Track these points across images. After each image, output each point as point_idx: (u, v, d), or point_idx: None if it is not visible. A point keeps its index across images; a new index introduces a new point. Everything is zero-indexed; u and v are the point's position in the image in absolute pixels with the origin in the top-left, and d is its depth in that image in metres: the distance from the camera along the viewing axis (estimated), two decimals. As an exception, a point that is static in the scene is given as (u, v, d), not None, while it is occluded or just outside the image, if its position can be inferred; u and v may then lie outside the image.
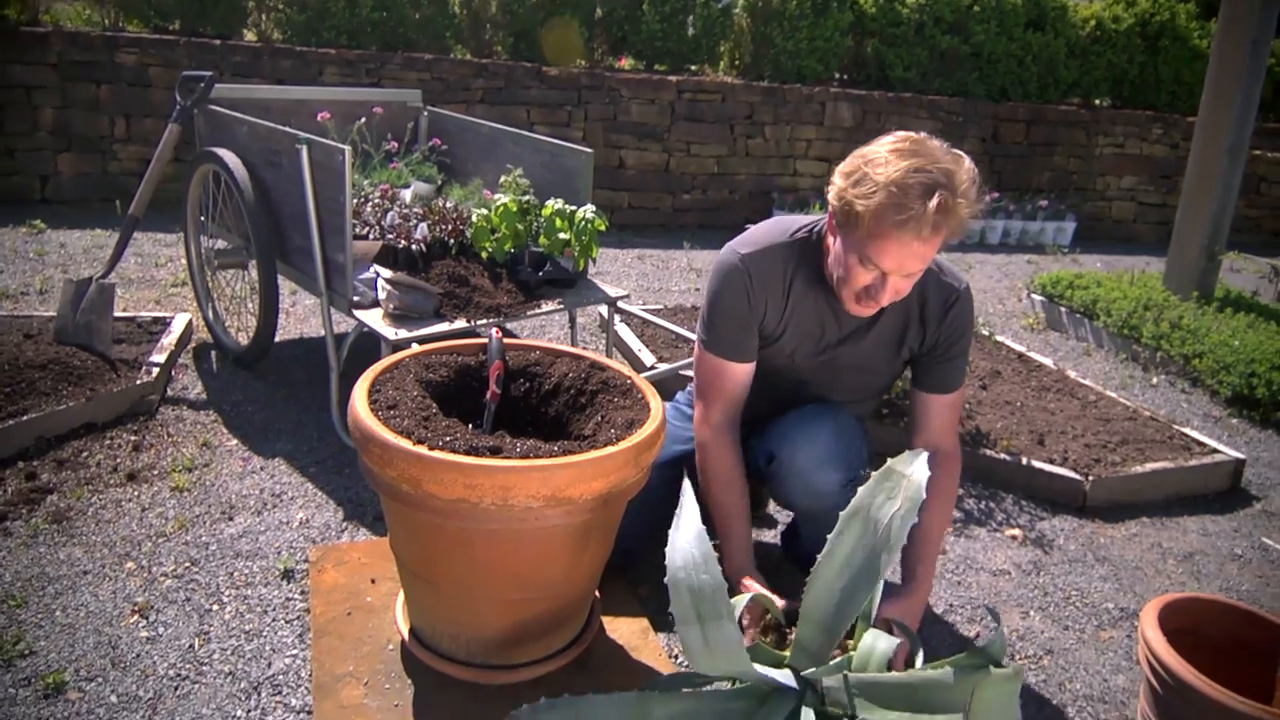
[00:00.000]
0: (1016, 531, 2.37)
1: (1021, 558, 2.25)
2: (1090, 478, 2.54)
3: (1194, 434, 2.90)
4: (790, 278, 1.69)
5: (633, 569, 1.98)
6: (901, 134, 1.50)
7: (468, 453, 1.32)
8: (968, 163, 1.48)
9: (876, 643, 1.28)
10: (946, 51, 6.41)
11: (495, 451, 1.34)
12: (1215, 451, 2.79)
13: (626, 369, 1.74)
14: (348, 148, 2.25)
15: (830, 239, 1.61)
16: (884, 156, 1.46)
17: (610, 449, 1.37)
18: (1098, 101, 7.09)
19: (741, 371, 1.72)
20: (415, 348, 1.78)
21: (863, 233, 1.49)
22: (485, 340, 1.76)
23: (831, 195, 1.55)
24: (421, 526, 1.41)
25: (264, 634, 1.73)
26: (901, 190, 1.41)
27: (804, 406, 1.79)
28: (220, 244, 3.00)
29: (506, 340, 1.75)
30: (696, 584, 1.18)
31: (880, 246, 1.47)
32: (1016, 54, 6.58)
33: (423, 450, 1.31)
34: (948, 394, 1.76)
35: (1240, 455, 2.78)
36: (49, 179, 5.02)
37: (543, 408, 1.70)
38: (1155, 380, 3.66)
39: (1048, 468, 2.57)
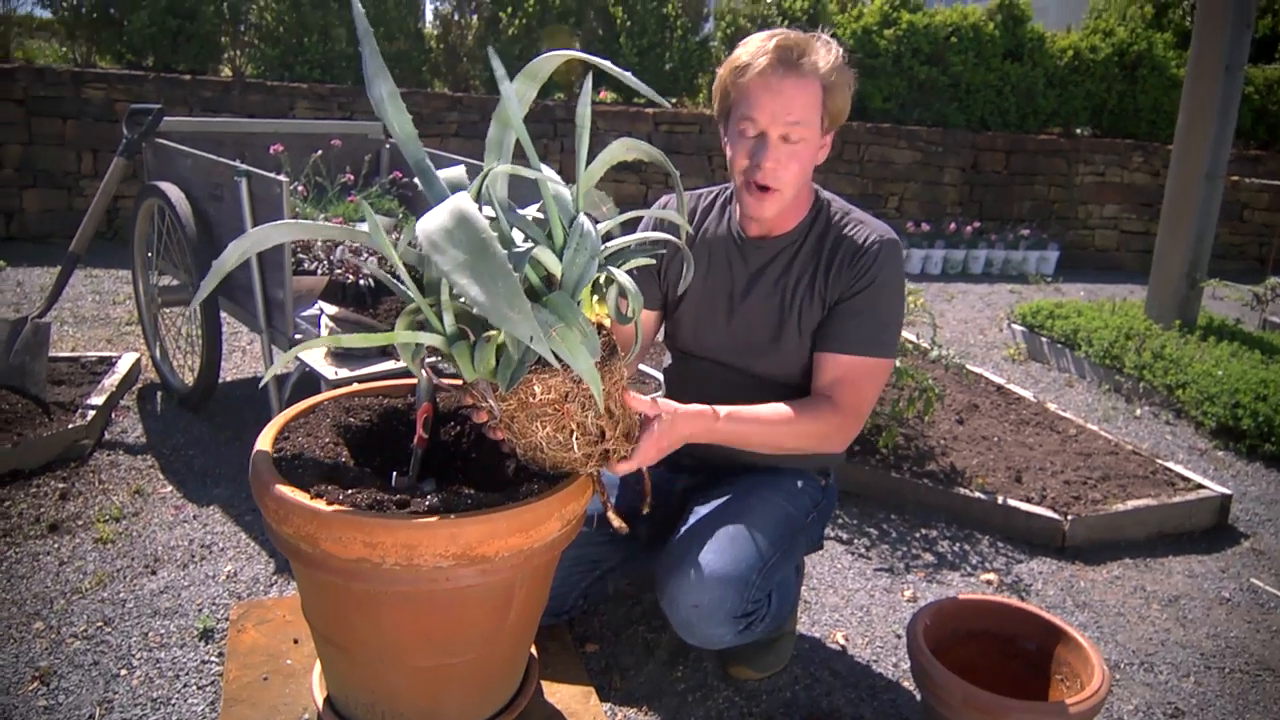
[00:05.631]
0: (992, 576, 2.25)
1: (997, 604, 2.12)
2: (1070, 517, 2.42)
3: (1178, 468, 2.79)
4: (699, 215, 1.72)
5: (579, 624, 1.86)
6: None
7: (370, 507, 1.21)
8: (830, 39, 1.53)
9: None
10: (925, 82, 6.41)
11: (402, 506, 1.23)
12: (1200, 487, 2.68)
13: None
14: (285, 180, 2.16)
15: (729, 153, 1.58)
16: (750, 38, 1.54)
17: (529, 501, 1.25)
18: (1078, 130, 7.08)
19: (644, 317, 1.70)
20: (340, 389, 1.67)
21: (732, 99, 1.54)
22: (416, 381, 1.65)
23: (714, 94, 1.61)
24: (325, 588, 1.29)
25: (172, 702, 1.59)
26: (750, 43, 1.51)
27: (705, 526, 1.56)
28: (167, 280, 2.90)
29: (439, 380, 1.65)
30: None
31: (745, 98, 1.51)
32: (995, 84, 6.58)
33: (319, 505, 1.20)
34: (841, 354, 1.53)
35: (1226, 490, 2.67)
36: (14, 216, 4.94)
37: (473, 453, 1.59)
38: (1138, 412, 3.56)
39: (1025, 506, 2.46)
